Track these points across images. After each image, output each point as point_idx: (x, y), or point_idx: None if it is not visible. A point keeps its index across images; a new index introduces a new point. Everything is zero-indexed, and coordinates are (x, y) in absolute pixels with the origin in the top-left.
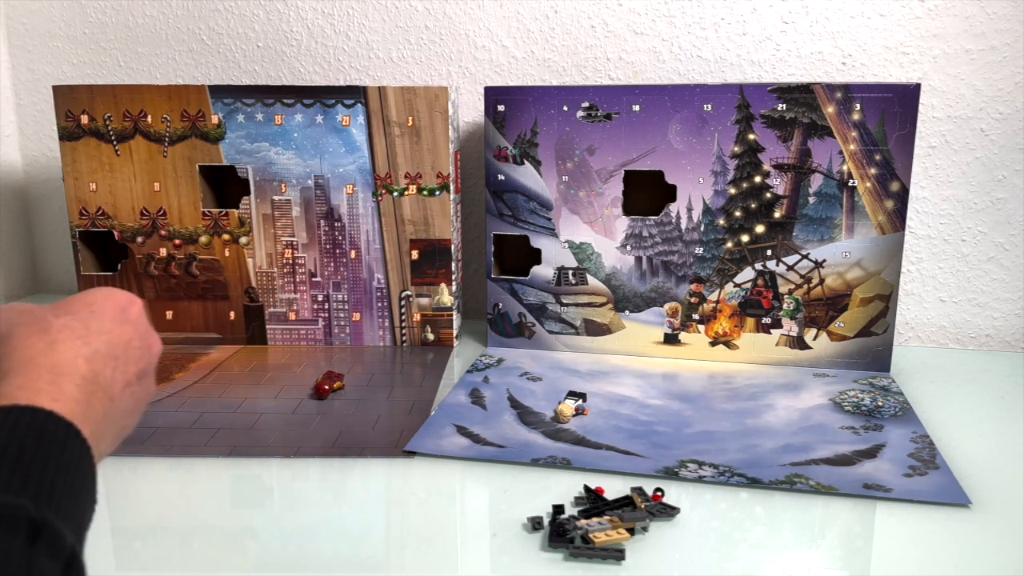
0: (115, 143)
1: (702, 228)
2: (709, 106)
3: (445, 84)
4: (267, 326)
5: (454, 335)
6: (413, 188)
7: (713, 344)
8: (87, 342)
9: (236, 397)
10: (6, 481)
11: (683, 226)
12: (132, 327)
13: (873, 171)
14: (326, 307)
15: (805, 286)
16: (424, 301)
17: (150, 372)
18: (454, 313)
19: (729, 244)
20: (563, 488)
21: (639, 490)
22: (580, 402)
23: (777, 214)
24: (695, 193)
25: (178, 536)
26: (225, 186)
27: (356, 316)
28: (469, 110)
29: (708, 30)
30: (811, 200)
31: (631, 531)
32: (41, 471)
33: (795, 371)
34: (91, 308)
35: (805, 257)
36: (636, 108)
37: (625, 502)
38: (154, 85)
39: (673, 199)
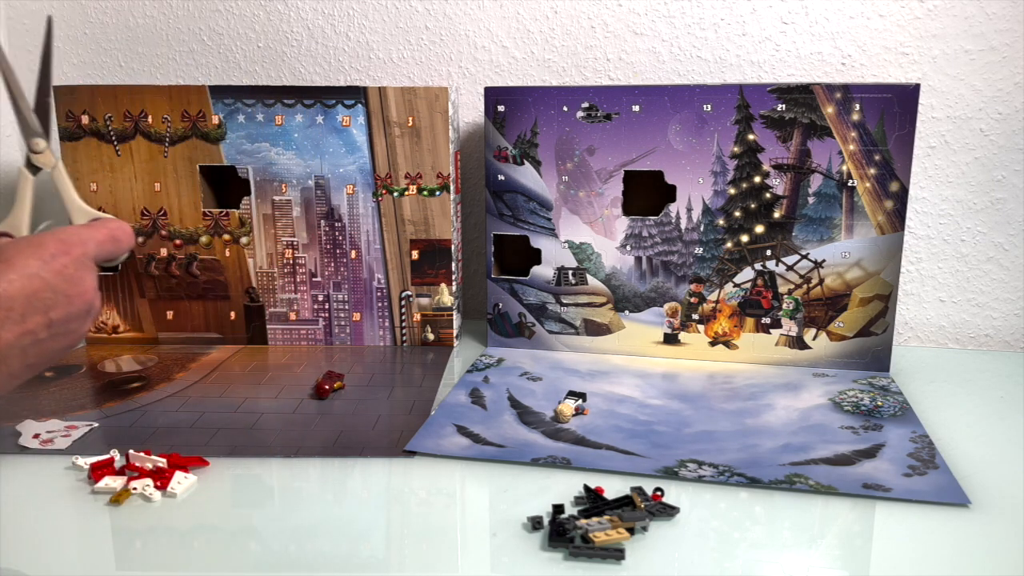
0: (116, 143)
1: (702, 228)
2: (709, 106)
3: (445, 84)
4: (267, 326)
5: (454, 335)
6: (413, 188)
7: (713, 344)
8: None
9: (236, 397)
10: None
11: (683, 226)
12: (44, 280)
13: (872, 171)
14: (326, 307)
15: (804, 286)
16: (424, 301)
17: (69, 320)
18: (454, 313)
19: (729, 244)
20: (563, 488)
21: (639, 490)
22: (580, 402)
23: (777, 214)
24: (695, 193)
25: (178, 536)
26: (226, 186)
27: (356, 316)
28: (469, 110)
29: (708, 31)
30: (810, 200)
31: (631, 531)
32: None
33: (794, 371)
34: (4, 258)
35: (804, 257)
36: (636, 108)
37: (625, 502)
38: (154, 85)
39: (673, 199)
